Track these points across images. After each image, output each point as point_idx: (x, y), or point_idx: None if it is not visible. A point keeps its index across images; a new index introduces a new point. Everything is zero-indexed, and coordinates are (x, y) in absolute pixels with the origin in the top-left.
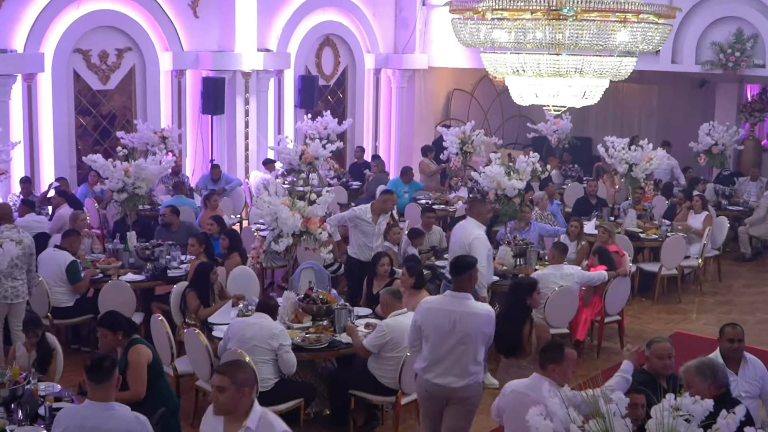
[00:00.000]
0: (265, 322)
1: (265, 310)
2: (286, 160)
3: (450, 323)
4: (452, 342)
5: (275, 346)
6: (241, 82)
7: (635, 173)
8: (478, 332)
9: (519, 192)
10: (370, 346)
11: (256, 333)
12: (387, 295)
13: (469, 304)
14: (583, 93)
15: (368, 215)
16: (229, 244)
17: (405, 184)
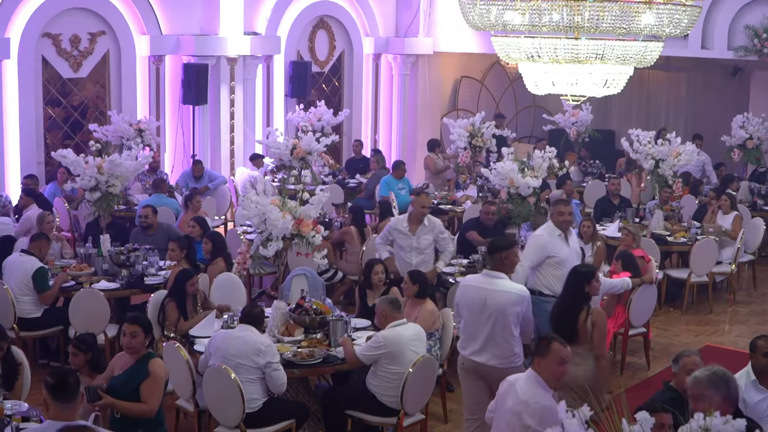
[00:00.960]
0: (250, 336)
1: (249, 321)
2: (276, 156)
3: (481, 300)
4: (483, 319)
5: (261, 363)
6: (225, 69)
7: (662, 170)
8: (509, 310)
9: (534, 191)
10: (363, 357)
11: (240, 349)
12: (384, 304)
13: (500, 282)
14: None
15: (404, 225)
16: (213, 249)
17: (398, 181)
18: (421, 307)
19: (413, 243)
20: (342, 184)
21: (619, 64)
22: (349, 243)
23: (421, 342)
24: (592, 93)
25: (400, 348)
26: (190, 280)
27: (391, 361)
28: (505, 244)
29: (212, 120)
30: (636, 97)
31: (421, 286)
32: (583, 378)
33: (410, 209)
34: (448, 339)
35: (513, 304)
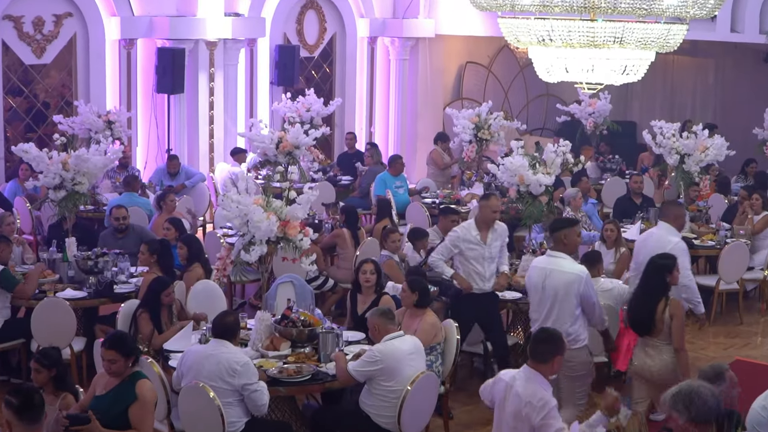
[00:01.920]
0: (223, 354)
1: (222, 334)
2: (260, 150)
3: (541, 280)
4: (544, 299)
5: (237, 385)
6: (204, 54)
7: (688, 166)
8: (568, 291)
9: (546, 189)
10: (356, 373)
11: (213, 371)
12: (376, 317)
13: (559, 262)
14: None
15: (474, 233)
16: (189, 254)
17: (395, 178)
18: (421, 319)
19: (485, 252)
20: (333, 181)
21: (640, 48)
22: (341, 247)
23: (420, 356)
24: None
25: (397, 363)
26: (166, 290)
27: (387, 377)
28: (565, 223)
29: (189, 111)
30: (659, 85)
31: (421, 295)
32: (656, 371)
33: (477, 214)
34: (451, 354)
35: (571, 284)
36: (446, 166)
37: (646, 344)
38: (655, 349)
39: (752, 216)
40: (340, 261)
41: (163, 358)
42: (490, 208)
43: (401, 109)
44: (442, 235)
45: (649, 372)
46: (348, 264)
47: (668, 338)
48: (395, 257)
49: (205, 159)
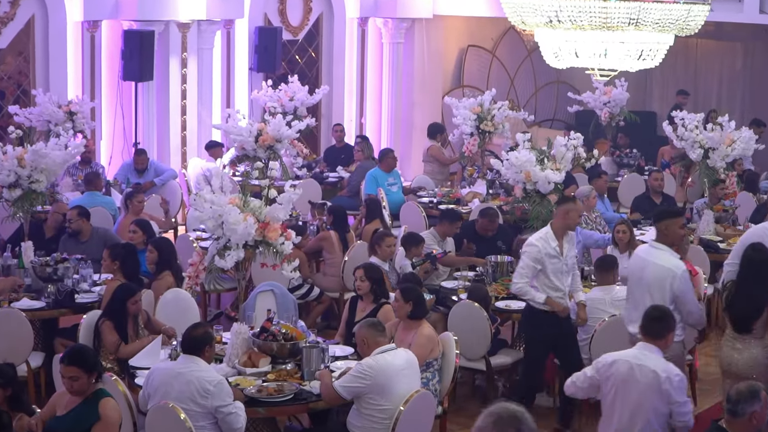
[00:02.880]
0: (194, 373)
1: (192, 349)
2: (238, 144)
3: (639, 271)
4: (641, 291)
5: (210, 407)
6: (176, 37)
7: (712, 161)
8: (661, 285)
9: (556, 187)
10: (343, 390)
11: (183, 392)
12: (365, 329)
13: (657, 254)
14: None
15: (553, 244)
16: (159, 259)
17: (387, 174)
18: (416, 331)
19: (563, 265)
20: (320, 178)
21: (657, 31)
22: (327, 252)
23: (414, 372)
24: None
25: (388, 379)
26: (132, 298)
27: (377, 395)
28: (667, 213)
29: (159, 100)
30: (682, 71)
31: (416, 305)
32: (743, 365)
33: (556, 221)
34: (450, 370)
35: (662, 279)
36: (451, 162)
37: (736, 340)
38: (744, 344)
39: None
40: (326, 267)
41: (129, 375)
42: (576, 212)
43: (395, 98)
44: (440, 239)
45: (737, 366)
46: (335, 270)
47: (760, 333)
48: (385, 266)
49: (177, 154)
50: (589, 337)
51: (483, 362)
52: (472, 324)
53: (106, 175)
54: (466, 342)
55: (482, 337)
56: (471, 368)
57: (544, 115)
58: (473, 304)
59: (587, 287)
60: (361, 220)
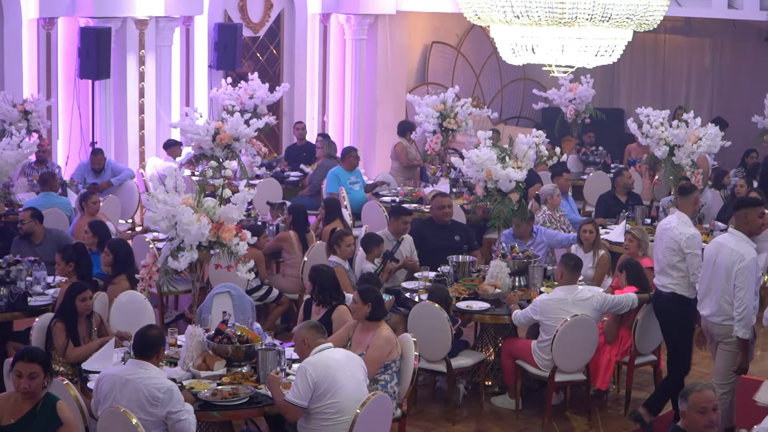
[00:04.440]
0: (141, 381)
1: (145, 351)
2: (195, 143)
3: (714, 256)
4: (712, 274)
5: (161, 414)
6: (133, 35)
7: (678, 158)
8: (729, 268)
9: (517, 185)
10: (297, 400)
11: (132, 400)
12: (304, 330)
13: (732, 239)
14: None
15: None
16: (114, 262)
17: (349, 173)
18: (374, 333)
19: None
20: (280, 177)
21: (615, 26)
22: (287, 252)
23: (357, 367)
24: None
25: (329, 371)
26: (81, 294)
27: (323, 394)
28: (747, 201)
29: (117, 99)
30: (650, 68)
31: (375, 306)
32: None
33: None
34: (409, 372)
35: (731, 262)
36: (411, 164)
37: None
38: None
39: None
40: (285, 268)
41: (81, 379)
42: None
43: (358, 95)
44: (394, 238)
45: None
46: (295, 271)
47: None
48: (345, 264)
49: (135, 153)
50: (551, 338)
51: (444, 364)
52: (432, 325)
53: (62, 175)
54: (426, 343)
55: (443, 338)
56: (432, 370)
57: (511, 113)
58: (433, 305)
59: (549, 287)
60: (321, 220)
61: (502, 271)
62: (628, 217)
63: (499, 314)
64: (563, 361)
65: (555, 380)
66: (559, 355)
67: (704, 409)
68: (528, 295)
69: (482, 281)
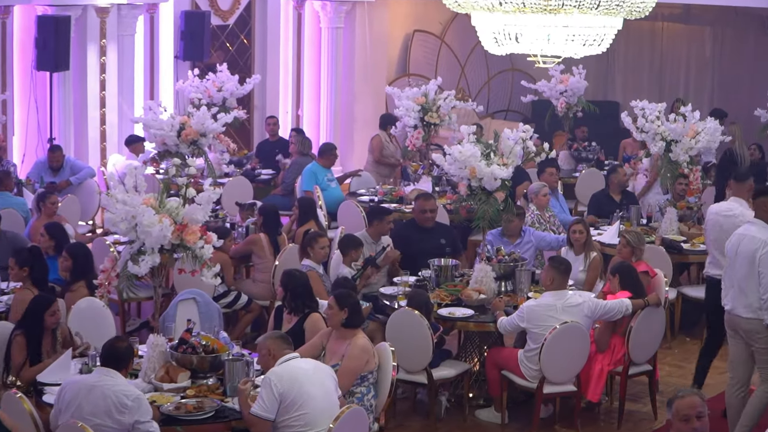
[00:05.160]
0: (110, 386)
1: (112, 362)
2: (158, 139)
3: (736, 246)
4: (735, 265)
5: (127, 423)
6: (94, 23)
7: (675, 154)
8: (752, 256)
9: (503, 183)
10: (263, 412)
11: (98, 406)
12: (270, 340)
13: (753, 228)
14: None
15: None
16: (73, 267)
17: (326, 170)
18: (349, 342)
19: None
20: (251, 176)
21: (604, 14)
22: (257, 256)
23: (327, 376)
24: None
25: (297, 384)
26: (50, 309)
27: (290, 406)
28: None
29: (76, 92)
30: (647, 58)
31: (352, 313)
32: None
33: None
34: (386, 383)
35: (753, 249)
36: (384, 160)
37: None
38: None
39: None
40: (256, 273)
41: (36, 392)
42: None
43: (335, 88)
44: (373, 240)
45: None
46: (265, 276)
47: None
48: (319, 269)
49: (96, 150)
50: (538, 346)
51: (425, 375)
52: (412, 333)
53: (17, 173)
54: (405, 353)
55: (423, 347)
56: (412, 382)
57: (498, 106)
58: (413, 312)
59: (537, 292)
60: (294, 222)
61: (487, 275)
62: (622, 217)
63: (484, 321)
64: (552, 372)
65: (543, 392)
66: (548, 364)
67: (687, 417)
68: (515, 301)
69: (466, 286)
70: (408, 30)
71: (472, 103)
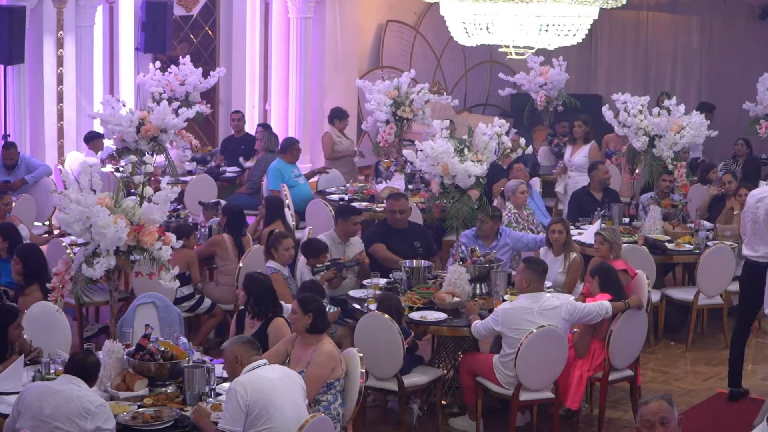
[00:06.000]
0: (74, 392)
1: (77, 371)
2: (117, 135)
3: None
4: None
5: (89, 428)
6: (51, 14)
7: (658, 150)
8: None
9: (477, 180)
10: (229, 426)
11: (59, 408)
12: (237, 346)
13: None
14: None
15: None
16: (25, 270)
17: (292, 166)
18: (315, 348)
19: None
20: (215, 173)
21: (579, 3)
22: (220, 258)
23: (296, 386)
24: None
25: (264, 395)
26: (14, 322)
27: (257, 419)
28: None
29: (32, 86)
30: (631, 50)
31: (316, 317)
32: None
33: None
34: (354, 391)
35: None
36: (337, 156)
37: None
38: None
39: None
40: (219, 275)
41: None
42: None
43: (304, 81)
44: (341, 241)
45: None
46: (229, 279)
47: None
48: (284, 271)
49: (53, 147)
50: (514, 352)
51: (395, 382)
52: (382, 338)
53: None
54: (375, 359)
55: (394, 353)
56: (383, 389)
57: (476, 100)
58: (383, 316)
59: (514, 295)
60: (260, 222)
61: (461, 277)
62: (603, 216)
63: (458, 326)
64: (528, 378)
65: (520, 399)
66: (524, 370)
67: (649, 423)
68: (490, 304)
69: (439, 289)
70: (381, 20)
71: (447, 97)
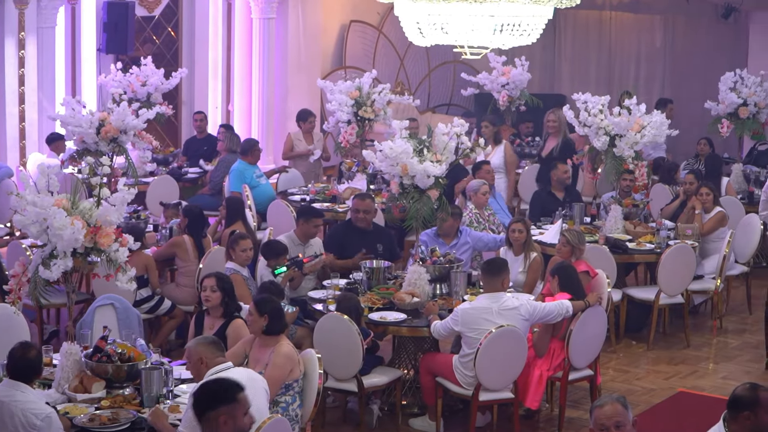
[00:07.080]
0: (18, 404)
1: (22, 374)
2: (78, 136)
3: None
4: None
5: None
6: (12, 15)
7: (619, 149)
8: None
9: (437, 181)
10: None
11: (5, 423)
12: (202, 347)
13: None
14: (512, 27)
15: None
16: None
17: (253, 167)
18: (272, 349)
19: None
20: (177, 174)
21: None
22: (180, 259)
23: (259, 389)
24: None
25: None
26: None
27: None
28: None
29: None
30: (594, 49)
31: (272, 319)
32: None
33: None
34: (313, 392)
35: None
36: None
37: None
38: None
39: (701, 213)
40: (179, 277)
41: None
42: None
43: (267, 82)
44: (301, 242)
45: None
46: (189, 280)
47: None
48: (244, 271)
49: (14, 149)
50: (473, 352)
51: (355, 382)
52: (341, 339)
53: None
54: (335, 360)
55: (353, 353)
56: (342, 390)
57: (440, 100)
58: (342, 317)
59: (474, 295)
60: (221, 222)
61: (421, 277)
62: (565, 216)
63: (418, 326)
64: (488, 378)
65: (480, 399)
66: (484, 371)
67: (603, 427)
68: (450, 305)
69: (399, 289)
70: (344, 21)
71: (408, 97)
